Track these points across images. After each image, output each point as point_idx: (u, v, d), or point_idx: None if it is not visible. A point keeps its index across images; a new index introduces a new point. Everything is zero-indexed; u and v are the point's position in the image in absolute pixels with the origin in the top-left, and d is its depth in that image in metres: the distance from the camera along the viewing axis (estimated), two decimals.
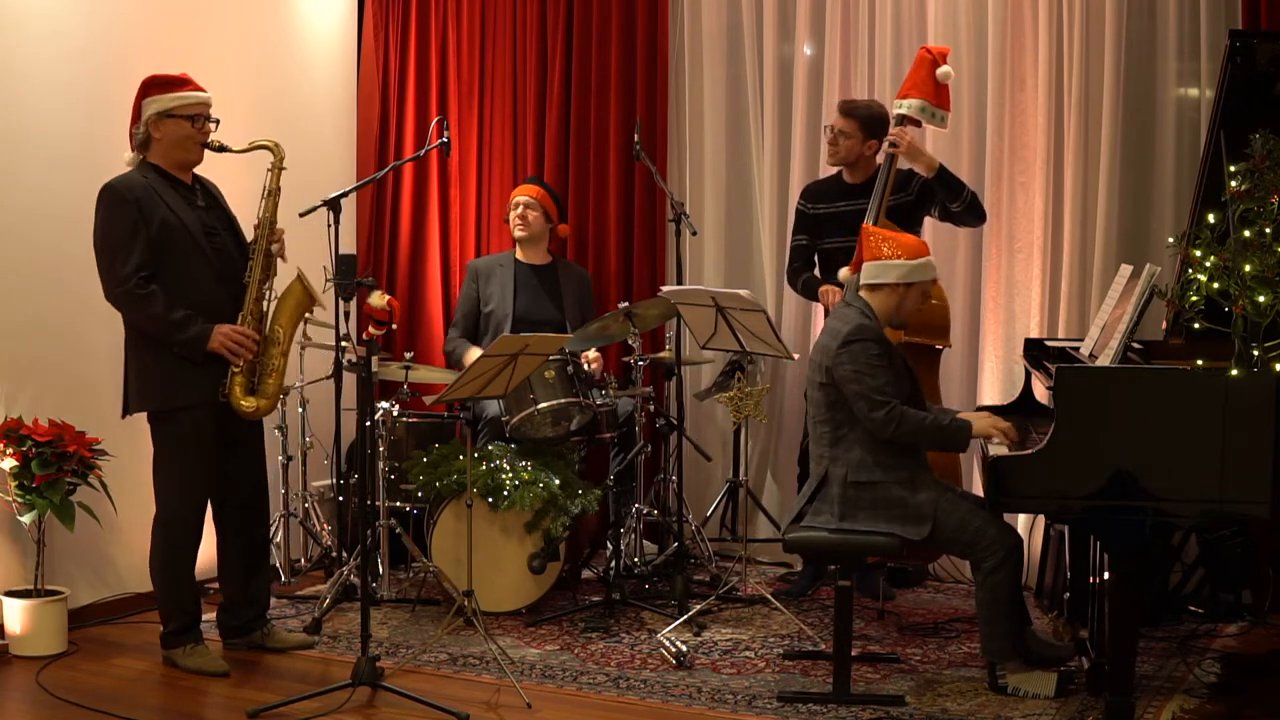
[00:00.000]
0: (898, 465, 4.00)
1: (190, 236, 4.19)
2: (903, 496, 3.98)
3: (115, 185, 4.17)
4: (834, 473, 4.05)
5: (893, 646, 4.52)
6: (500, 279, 5.55)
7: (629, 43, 5.94)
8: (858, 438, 4.02)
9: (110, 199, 4.15)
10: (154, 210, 4.14)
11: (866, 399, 3.96)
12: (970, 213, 4.93)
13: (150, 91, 4.22)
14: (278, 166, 4.34)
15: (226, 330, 4.17)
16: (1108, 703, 3.67)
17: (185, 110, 4.21)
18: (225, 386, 4.21)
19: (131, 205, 4.11)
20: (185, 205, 4.23)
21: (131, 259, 4.10)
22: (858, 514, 4.00)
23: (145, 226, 4.11)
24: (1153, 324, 4.32)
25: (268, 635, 4.50)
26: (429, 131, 5.90)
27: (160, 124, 4.20)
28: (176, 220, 4.17)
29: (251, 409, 4.25)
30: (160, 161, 4.24)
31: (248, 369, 4.23)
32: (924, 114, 4.88)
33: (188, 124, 4.22)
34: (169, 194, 4.20)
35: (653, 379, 5.50)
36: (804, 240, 5.22)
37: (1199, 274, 3.58)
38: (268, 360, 4.28)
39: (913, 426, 3.95)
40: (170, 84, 4.23)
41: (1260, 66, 3.92)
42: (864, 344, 3.99)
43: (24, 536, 4.52)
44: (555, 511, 4.85)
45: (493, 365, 4.29)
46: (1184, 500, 3.55)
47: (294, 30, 5.83)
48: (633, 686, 4.13)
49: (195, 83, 4.27)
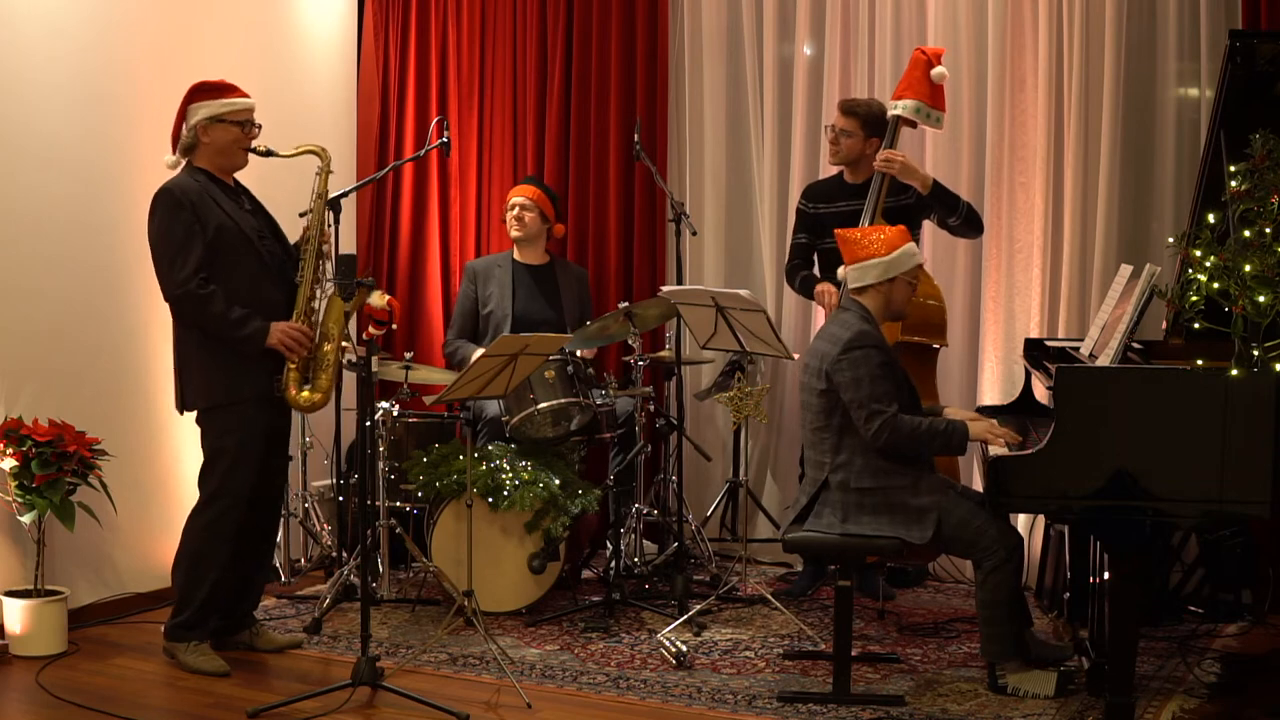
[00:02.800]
0: (901, 470, 3.99)
1: (245, 238, 4.29)
2: (905, 501, 3.97)
3: (171, 189, 4.24)
4: (834, 479, 4.03)
5: (893, 646, 4.52)
6: (499, 280, 5.55)
7: (629, 43, 5.94)
8: (859, 444, 4.00)
9: (166, 202, 4.22)
10: (209, 213, 4.23)
11: (864, 407, 3.93)
12: (967, 225, 4.93)
13: (197, 97, 4.32)
14: (326, 170, 4.46)
15: (284, 327, 4.26)
16: (1108, 703, 3.67)
17: (234, 116, 4.32)
18: (281, 382, 4.30)
19: (187, 209, 4.20)
20: (236, 208, 4.33)
21: (190, 261, 4.18)
22: (860, 517, 3.99)
23: (201, 229, 4.20)
24: (1153, 324, 4.32)
25: (256, 636, 4.50)
26: (429, 131, 5.90)
27: (210, 129, 4.29)
28: (231, 223, 4.26)
29: (307, 403, 4.34)
30: (207, 165, 4.33)
31: (302, 365, 4.32)
32: (919, 115, 4.88)
33: (237, 129, 4.32)
34: (221, 197, 4.29)
35: (653, 379, 5.49)
36: (804, 239, 5.22)
37: (1199, 274, 3.58)
38: (321, 356, 4.36)
39: (907, 433, 3.92)
40: (218, 90, 4.33)
41: (1260, 66, 3.92)
42: (866, 351, 3.96)
43: (24, 536, 4.52)
44: (555, 511, 4.85)
45: (493, 365, 4.30)
46: (1184, 500, 3.55)
47: (294, 30, 5.83)
48: (633, 686, 4.13)
49: (240, 89, 4.37)
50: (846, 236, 4.17)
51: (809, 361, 4.13)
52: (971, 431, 3.97)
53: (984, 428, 3.99)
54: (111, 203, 4.91)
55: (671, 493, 5.31)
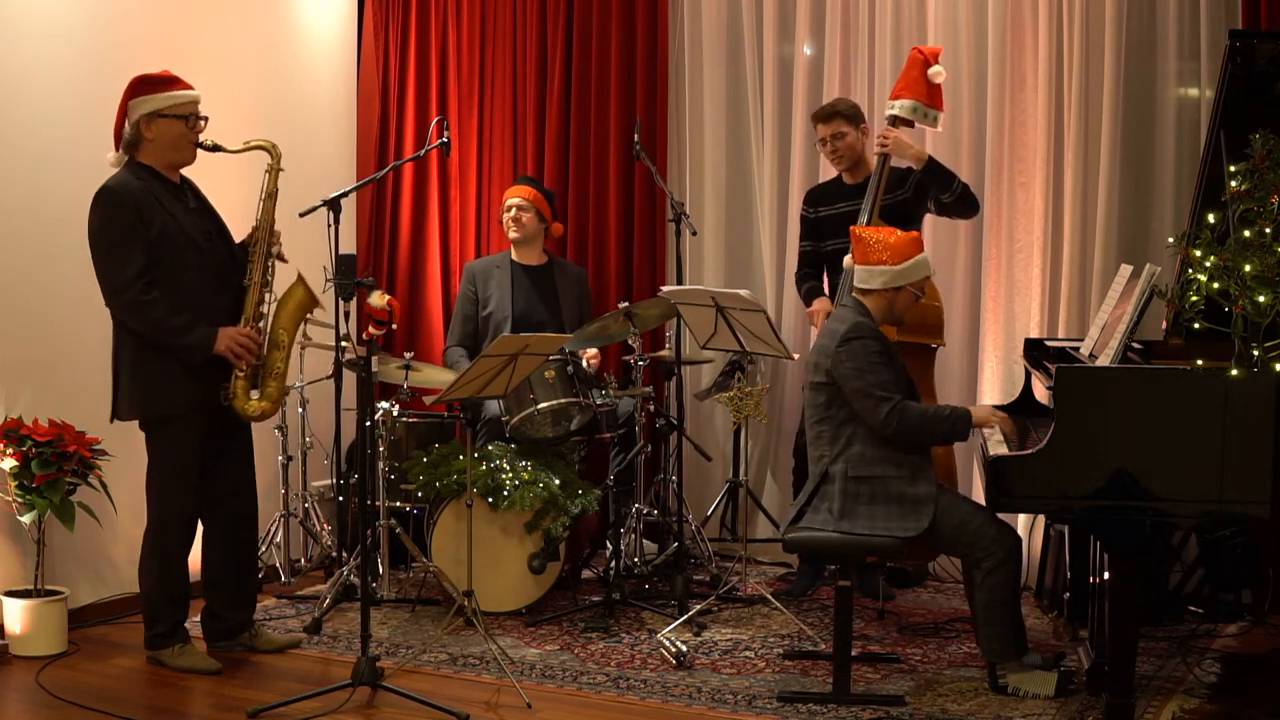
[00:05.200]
0: (900, 460, 4.01)
1: (189, 240, 4.16)
2: (904, 490, 3.99)
3: (113, 187, 4.10)
4: (834, 470, 4.05)
5: (893, 646, 4.52)
6: (498, 281, 5.55)
7: (629, 43, 5.94)
8: (859, 434, 4.03)
9: (107, 201, 4.08)
10: (152, 214, 4.09)
11: (869, 396, 3.97)
12: (962, 203, 4.93)
13: (139, 91, 4.16)
14: (275, 168, 4.30)
15: (231, 333, 4.14)
16: (1108, 703, 3.67)
17: (178, 110, 4.16)
18: (228, 390, 4.20)
19: (130, 209, 4.06)
20: (181, 209, 4.19)
21: (132, 264, 4.05)
22: (856, 509, 4.00)
23: (144, 230, 4.07)
24: (1153, 324, 4.32)
25: (255, 637, 4.49)
26: (429, 131, 5.90)
27: (152, 124, 4.14)
28: (175, 225, 4.13)
29: (256, 412, 4.25)
30: (152, 162, 4.18)
31: (250, 372, 4.22)
32: (916, 114, 4.89)
33: (181, 123, 4.18)
34: (165, 197, 4.15)
35: (653, 379, 5.49)
36: (809, 246, 5.25)
37: (1199, 274, 3.58)
38: (270, 363, 4.26)
39: (915, 419, 3.97)
40: (159, 83, 4.17)
41: (1260, 66, 3.92)
42: (863, 341, 4.01)
43: (24, 536, 4.52)
44: (555, 511, 4.85)
45: (493, 365, 4.29)
46: (1184, 500, 3.55)
47: (294, 30, 5.83)
48: (633, 686, 4.13)
49: (183, 81, 4.21)
50: (860, 235, 4.18)
51: (810, 357, 4.19)
52: (974, 416, 4.06)
53: (986, 412, 4.12)
54: None
55: (671, 493, 5.31)
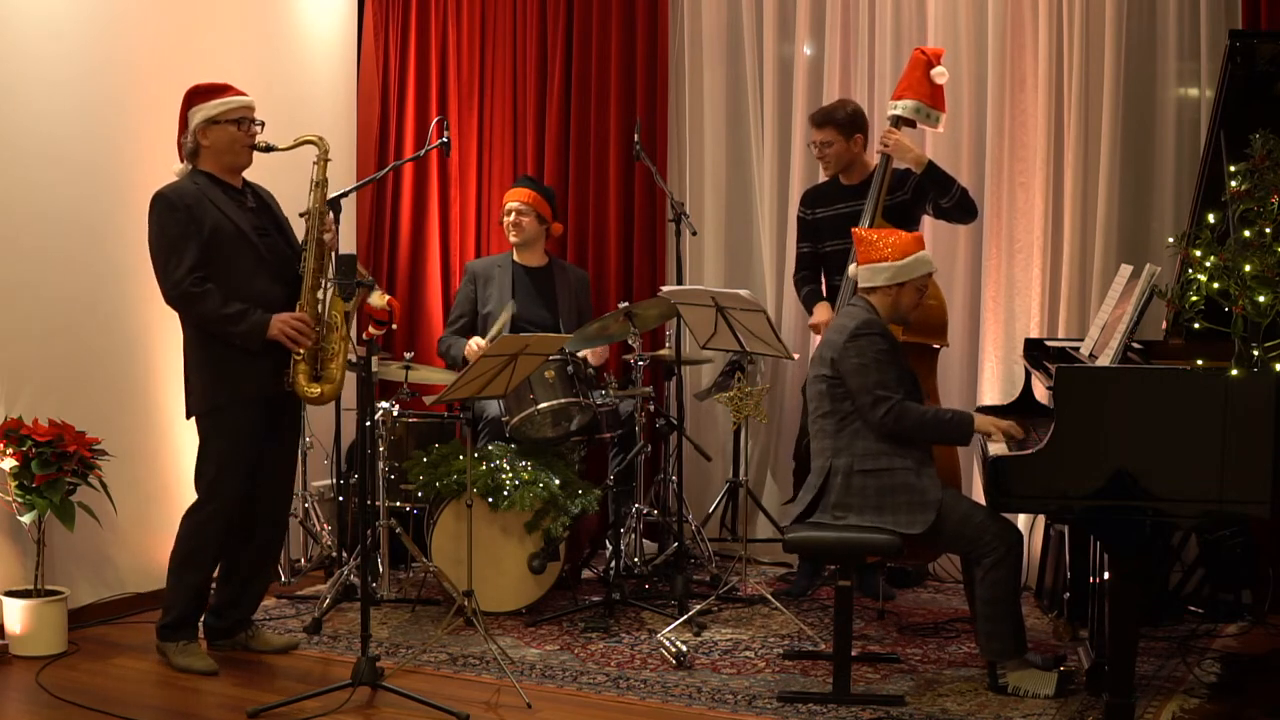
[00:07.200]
0: (904, 454, 4.02)
1: (242, 236, 4.26)
2: (909, 483, 3.99)
3: (166, 193, 4.24)
4: (838, 464, 4.06)
5: (893, 646, 4.52)
6: (499, 281, 5.55)
7: (629, 43, 5.94)
8: (863, 428, 4.04)
9: (161, 206, 4.22)
10: (204, 213, 4.21)
11: (869, 393, 3.99)
12: (960, 209, 4.93)
13: (195, 101, 4.30)
14: (323, 159, 4.42)
15: (284, 318, 4.24)
16: (1108, 703, 3.67)
17: (231, 115, 4.29)
18: (290, 375, 4.28)
19: (181, 210, 4.19)
20: (236, 207, 4.31)
21: (185, 261, 4.17)
22: (862, 504, 4.00)
23: (197, 229, 4.19)
24: (1153, 324, 4.32)
25: (252, 637, 4.50)
26: (429, 131, 5.90)
27: (208, 131, 4.28)
28: (228, 222, 4.24)
29: (317, 394, 4.32)
30: (211, 168, 4.32)
31: (309, 356, 4.29)
32: (918, 114, 4.89)
33: (234, 128, 4.30)
34: (219, 197, 4.27)
35: (653, 379, 5.49)
36: (807, 247, 5.24)
37: (1199, 274, 3.58)
38: (329, 346, 4.33)
39: (914, 420, 3.98)
40: (213, 91, 4.32)
41: (1260, 66, 3.92)
42: (871, 338, 4.03)
43: (24, 536, 4.52)
44: (555, 511, 4.85)
45: (493, 365, 4.30)
46: (1184, 500, 3.55)
47: (294, 30, 5.83)
48: (633, 686, 4.13)
49: (236, 88, 4.35)
50: (862, 236, 4.20)
51: (818, 352, 4.20)
52: (977, 423, 4.03)
53: (987, 421, 4.06)
54: (112, 203, 4.90)
55: (671, 493, 5.30)
